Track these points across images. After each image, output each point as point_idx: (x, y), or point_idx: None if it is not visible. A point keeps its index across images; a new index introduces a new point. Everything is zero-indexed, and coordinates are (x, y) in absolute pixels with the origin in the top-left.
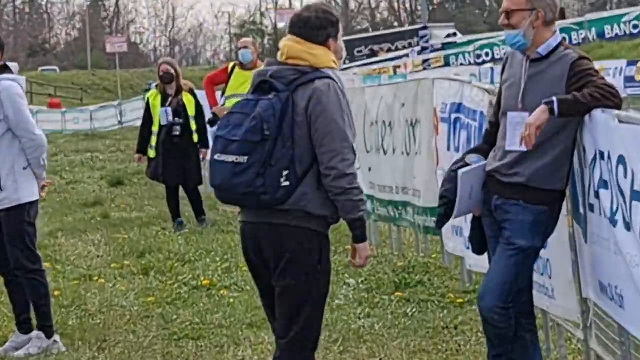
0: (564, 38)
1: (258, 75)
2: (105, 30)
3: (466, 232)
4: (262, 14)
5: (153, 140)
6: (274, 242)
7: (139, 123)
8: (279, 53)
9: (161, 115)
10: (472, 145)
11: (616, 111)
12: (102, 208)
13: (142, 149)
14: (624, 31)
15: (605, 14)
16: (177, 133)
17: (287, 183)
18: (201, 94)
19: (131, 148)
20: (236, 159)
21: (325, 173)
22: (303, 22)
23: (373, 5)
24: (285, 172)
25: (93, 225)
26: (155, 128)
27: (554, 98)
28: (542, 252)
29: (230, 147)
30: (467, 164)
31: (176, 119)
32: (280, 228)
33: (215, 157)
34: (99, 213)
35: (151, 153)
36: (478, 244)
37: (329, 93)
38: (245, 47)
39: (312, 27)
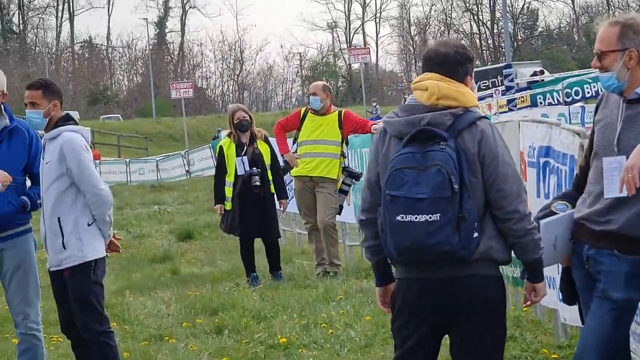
0: None
1: (409, 125)
2: (169, 76)
3: (560, 284)
4: (335, 55)
5: (229, 192)
6: (463, 294)
7: (207, 173)
8: (422, 94)
9: (237, 165)
10: (562, 191)
11: None
12: (171, 263)
13: (221, 199)
14: None
15: None
16: (258, 183)
17: (476, 234)
18: (272, 141)
19: (200, 199)
20: (430, 217)
21: (505, 217)
22: (442, 59)
23: None
24: (476, 224)
25: (162, 282)
26: (230, 179)
27: None
28: None
29: (418, 205)
30: (553, 212)
31: (254, 168)
32: (470, 279)
33: (399, 218)
34: (169, 269)
35: (227, 205)
36: (568, 292)
37: (494, 134)
38: (314, 94)
39: (453, 63)
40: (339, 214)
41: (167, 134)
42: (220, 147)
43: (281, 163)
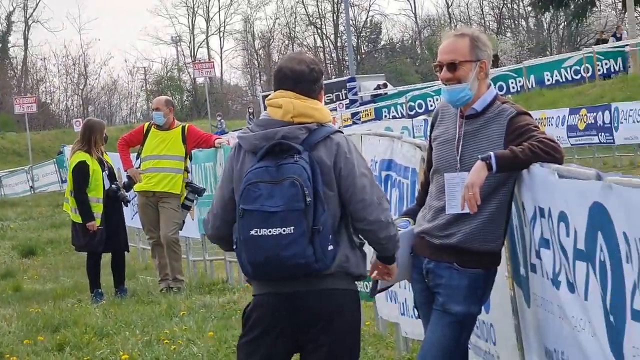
0: (500, 87)
1: (264, 139)
2: (13, 90)
3: (401, 298)
4: (179, 69)
5: (99, 208)
6: (318, 308)
7: (52, 189)
8: (277, 112)
9: (104, 180)
10: (404, 204)
11: (556, 165)
12: (13, 280)
13: (92, 216)
14: (565, 77)
15: (544, 59)
16: (128, 198)
17: (331, 247)
18: (114, 156)
19: (44, 215)
20: (283, 230)
21: (368, 228)
22: (299, 77)
23: None
24: (330, 236)
25: (4, 299)
26: (99, 195)
27: (492, 153)
28: (485, 317)
29: (272, 219)
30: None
31: (116, 182)
32: (326, 293)
33: (253, 232)
34: (10, 285)
35: (98, 222)
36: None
37: (350, 146)
38: (157, 109)
39: (310, 81)
40: (181, 229)
41: (11, 150)
42: (83, 163)
43: (124, 179)
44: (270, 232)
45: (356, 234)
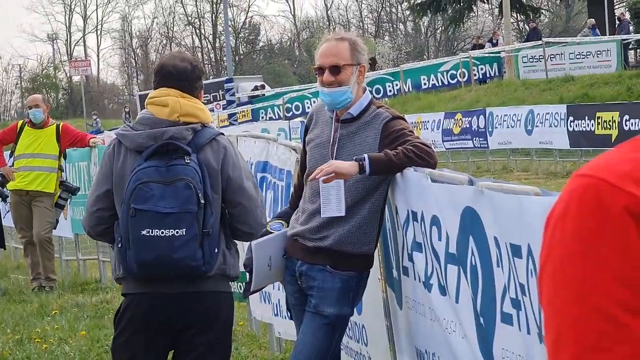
0: (377, 90)
1: (151, 138)
2: None
3: (274, 299)
4: (55, 67)
5: None
6: (198, 310)
7: None
8: (162, 110)
9: None
10: (279, 206)
11: (429, 170)
12: None
13: None
14: (442, 82)
15: (421, 63)
16: (7, 194)
17: (216, 250)
18: None
19: None
20: (176, 232)
21: (249, 231)
22: (182, 74)
23: None
24: (217, 240)
25: None
26: None
27: (366, 156)
28: (357, 319)
29: (165, 220)
30: (269, 232)
31: None
32: (206, 295)
33: (144, 232)
34: None
35: None
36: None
37: (235, 150)
38: (36, 105)
39: (193, 79)
40: (55, 228)
41: None
42: None
43: None
44: (162, 233)
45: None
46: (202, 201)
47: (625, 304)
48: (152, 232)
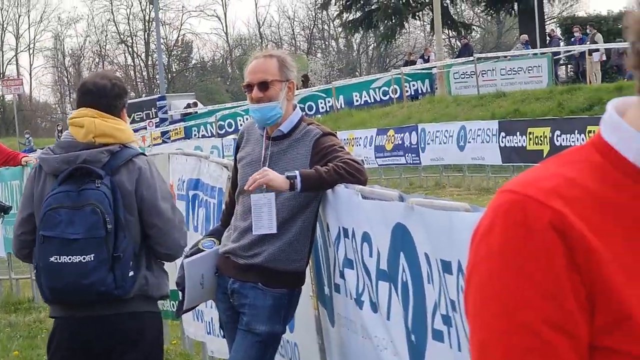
0: (310, 107)
1: (65, 162)
2: None
3: (207, 317)
4: None
5: None
6: (119, 332)
7: None
8: (78, 131)
9: None
10: (211, 224)
11: (360, 186)
12: None
13: None
14: (374, 98)
15: (353, 80)
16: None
17: (132, 273)
18: None
19: None
20: (84, 258)
21: (167, 252)
22: (101, 91)
23: None
24: (131, 262)
25: None
26: None
27: (297, 172)
28: (289, 336)
29: (73, 246)
30: (201, 250)
31: None
32: (126, 317)
33: (52, 259)
34: None
35: None
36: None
37: (151, 171)
38: None
39: (113, 96)
40: None
41: None
42: None
43: None
44: (70, 259)
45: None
46: (110, 226)
47: (551, 320)
48: (60, 259)
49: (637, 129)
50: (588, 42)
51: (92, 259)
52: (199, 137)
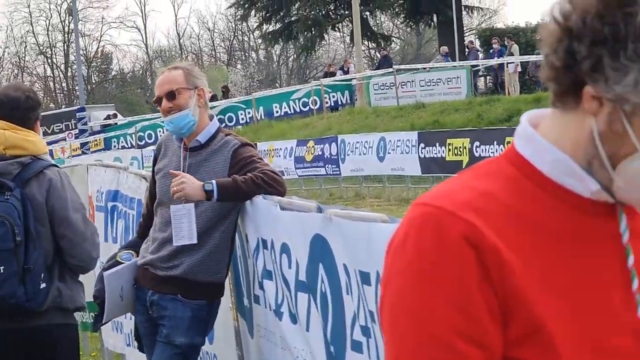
0: (230, 118)
1: None
2: None
3: (127, 329)
4: None
5: None
6: (32, 344)
7: None
8: None
9: None
10: (130, 235)
11: (278, 197)
12: None
13: None
14: (294, 109)
15: (273, 91)
16: None
17: (44, 285)
18: None
19: None
20: None
21: (78, 264)
22: (14, 103)
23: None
24: (42, 274)
25: None
26: None
27: (214, 181)
28: (209, 348)
29: None
30: (119, 262)
31: None
32: (39, 330)
33: None
34: None
35: None
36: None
37: (62, 182)
38: None
39: (26, 108)
40: None
41: None
42: None
43: None
44: None
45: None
46: (19, 238)
47: (463, 333)
48: None
49: (551, 141)
50: (506, 54)
51: (2, 271)
52: (118, 148)
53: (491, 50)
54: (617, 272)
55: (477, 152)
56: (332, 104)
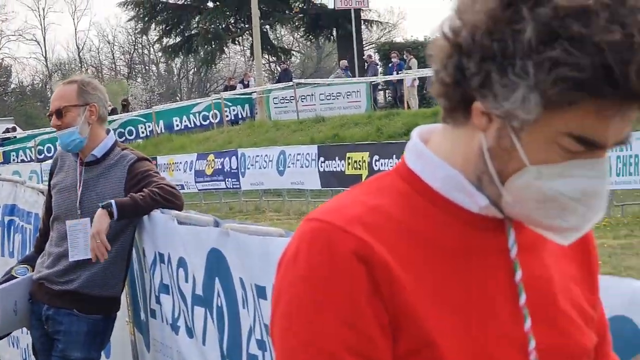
0: (130, 131)
1: None
2: None
3: (23, 344)
4: None
5: None
6: None
7: None
8: None
9: None
10: (27, 249)
11: (175, 212)
12: None
13: None
14: (194, 123)
15: (173, 105)
16: None
17: None
18: None
19: None
20: None
21: None
22: None
23: None
24: None
25: None
26: None
27: (113, 201)
28: None
29: None
30: (14, 277)
31: None
32: None
33: None
34: None
35: None
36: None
37: None
38: None
39: None
40: None
41: None
42: None
43: None
44: None
45: None
46: None
47: (353, 348)
48: None
49: (441, 156)
50: (405, 68)
51: None
52: (18, 162)
53: (390, 64)
54: (506, 287)
55: (376, 165)
56: (233, 118)
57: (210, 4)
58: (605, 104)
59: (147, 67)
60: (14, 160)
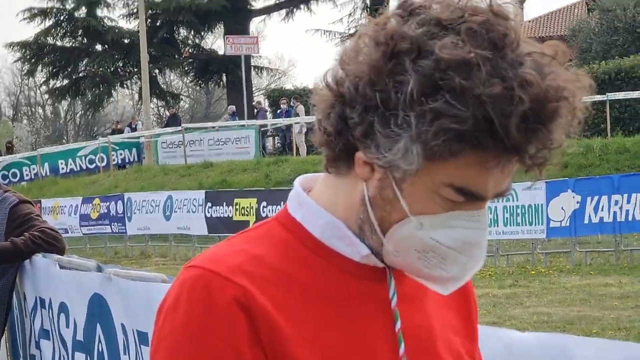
0: (14, 174)
1: None
2: None
3: None
4: None
5: None
6: None
7: None
8: None
9: None
10: None
11: (57, 256)
12: None
13: None
14: (80, 166)
15: (59, 148)
16: None
17: None
18: None
19: None
20: None
21: None
22: None
23: None
24: None
25: None
26: None
27: None
28: None
29: None
30: None
31: None
32: None
33: None
34: None
35: None
36: None
37: None
38: None
39: None
40: None
41: None
42: None
43: None
44: None
45: None
46: None
47: None
48: None
49: (322, 205)
50: (292, 114)
51: None
52: None
53: (279, 111)
54: (386, 335)
55: (264, 212)
56: (120, 162)
57: (99, 47)
58: (486, 155)
59: (33, 109)
60: None
